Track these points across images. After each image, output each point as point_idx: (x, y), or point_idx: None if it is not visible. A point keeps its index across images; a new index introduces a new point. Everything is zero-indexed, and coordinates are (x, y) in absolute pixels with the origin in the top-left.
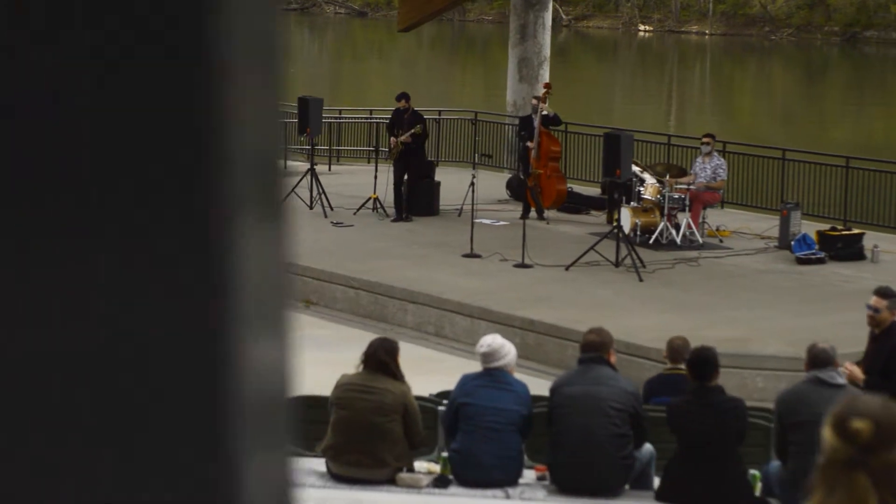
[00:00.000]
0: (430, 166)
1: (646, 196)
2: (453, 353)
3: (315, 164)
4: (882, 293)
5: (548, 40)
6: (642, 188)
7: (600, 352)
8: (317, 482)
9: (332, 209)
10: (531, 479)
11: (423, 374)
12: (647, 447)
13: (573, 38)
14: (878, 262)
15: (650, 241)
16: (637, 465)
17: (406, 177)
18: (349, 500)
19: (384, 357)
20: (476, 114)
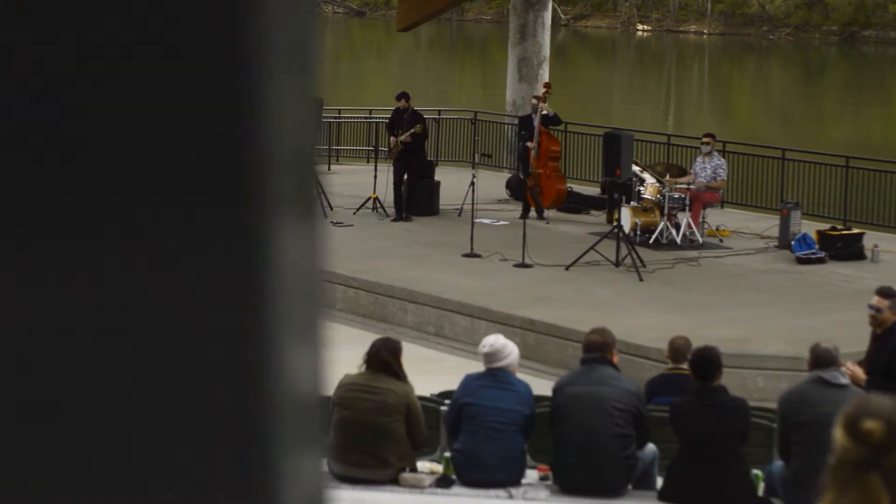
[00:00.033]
0: (429, 166)
1: (646, 196)
2: (453, 353)
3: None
4: (884, 293)
5: (547, 40)
6: (642, 188)
7: (603, 352)
8: None
9: (332, 209)
10: (534, 479)
11: (424, 374)
12: (650, 447)
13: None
14: (878, 261)
15: (650, 240)
16: (640, 466)
17: (406, 176)
18: (352, 500)
19: (387, 357)
20: (476, 113)
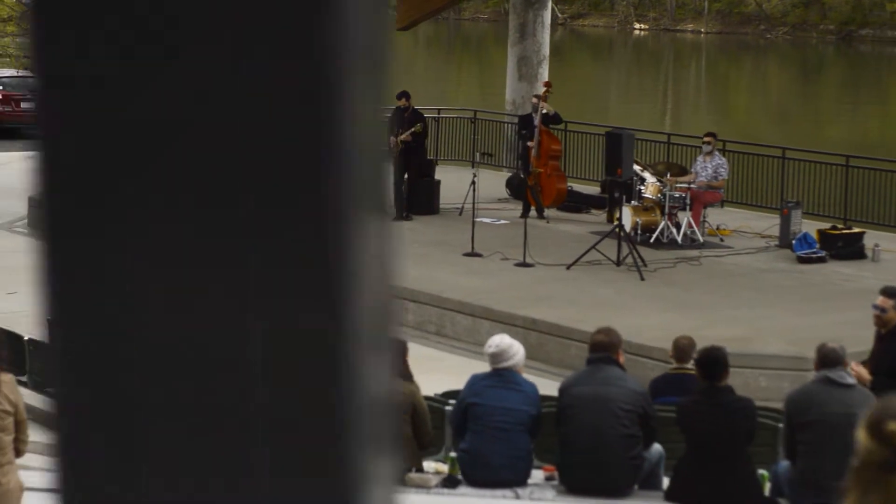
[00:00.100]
0: (430, 165)
1: (646, 195)
2: (454, 353)
3: None
4: (888, 293)
5: (547, 39)
6: (643, 187)
7: (609, 352)
8: None
9: None
10: (539, 479)
11: (424, 373)
12: (656, 447)
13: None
14: (879, 260)
15: (651, 240)
16: (646, 466)
17: (406, 175)
18: None
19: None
20: (475, 112)
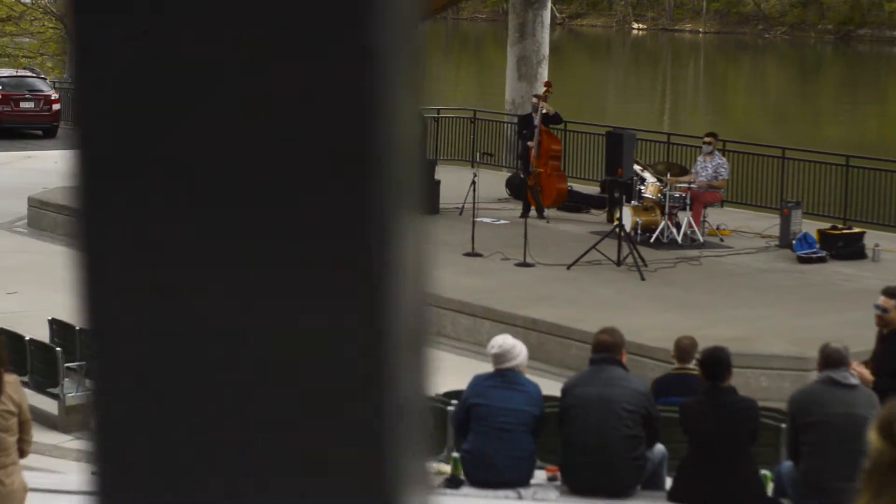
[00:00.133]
0: (430, 165)
1: (646, 195)
2: (454, 352)
3: None
4: (890, 293)
5: (546, 38)
6: (643, 187)
7: (612, 352)
8: None
9: None
10: (542, 479)
11: None
12: (659, 447)
13: (567, 36)
14: (880, 260)
15: (651, 239)
16: (649, 466)
17: None
18: None
19: None
20: (475, 112)
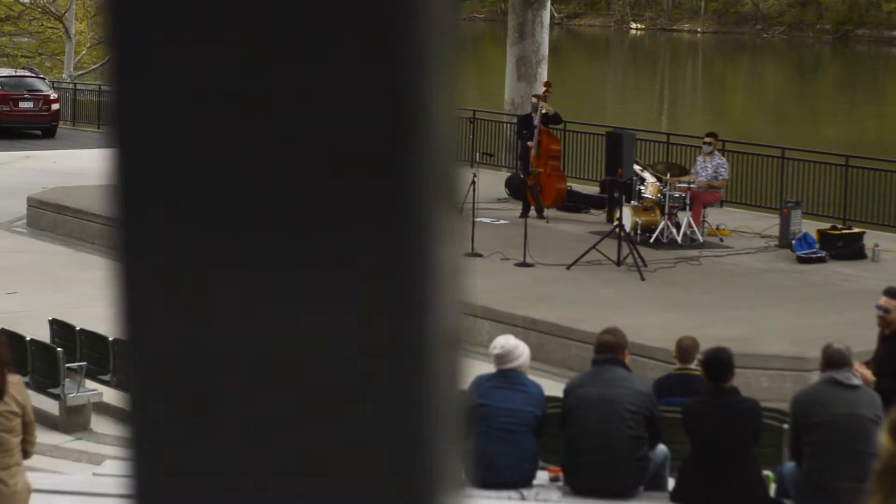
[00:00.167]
0: None
1: (646, 195)
2: None
3: None
4: (892, 293)
5: (546, 39)
6: (643, 187)
7: (615, 353)
8: None
9: None
10: (545, 480)
11: None
12: (661, 448)
13: (565, 36)
14: (879, 261)
15: (651, 240)
16: (651, 467)
17: None
18: None
19: None
20: (475, 112)
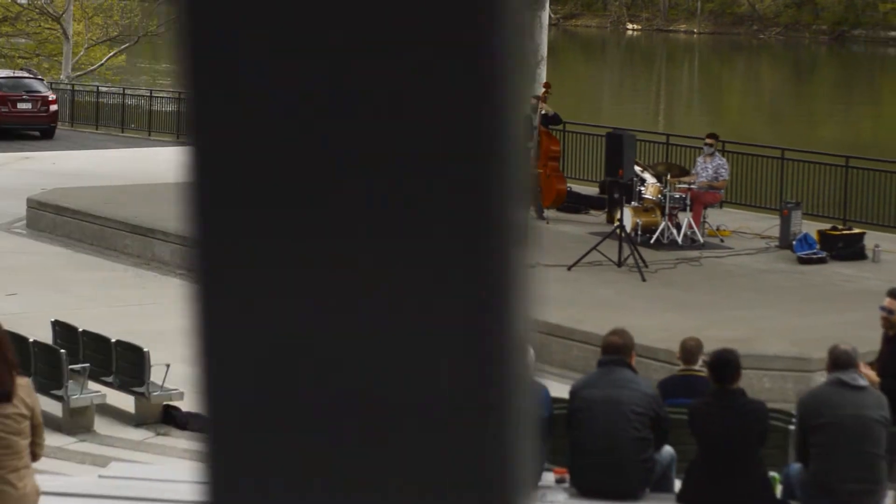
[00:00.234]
0: None
1: (647, 196)
2: None
3: None
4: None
5: (545, 40)
6: (643, 188)
7: (622, 354)
8: None
9: None
10: (550, 481)
11: None
12: (668, 450)
13: (562, 36)
14: (880, 261)
15: (651, 240)
16: (657, 468)
17: None
18: None
19: None
20: None
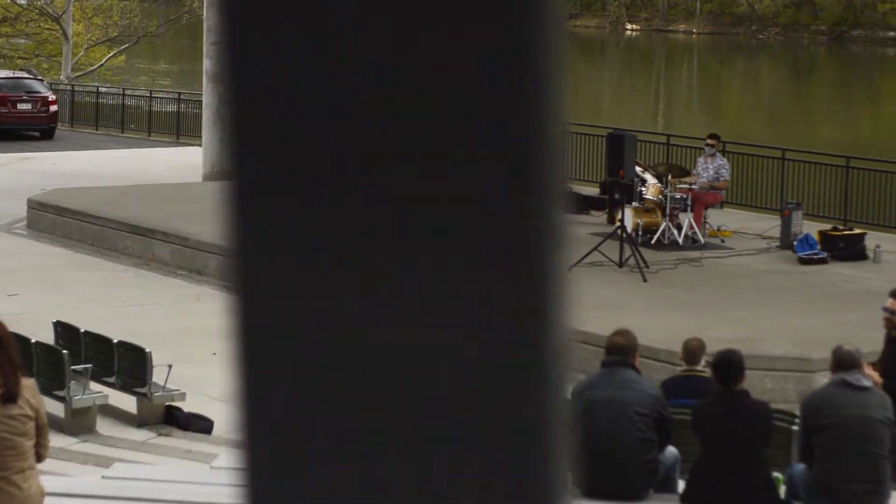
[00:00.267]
0: None
1: (647, 196)
2: None
3: None
4: None
5: None
6: (644, 188)
7: (625, 355)
8: None
9: None
10: None
11: None
12: (671, 450)
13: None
14: (881, 262)
15: (652, 241)
16: (661, 469)
17: None
18: None
19: None
20: None
